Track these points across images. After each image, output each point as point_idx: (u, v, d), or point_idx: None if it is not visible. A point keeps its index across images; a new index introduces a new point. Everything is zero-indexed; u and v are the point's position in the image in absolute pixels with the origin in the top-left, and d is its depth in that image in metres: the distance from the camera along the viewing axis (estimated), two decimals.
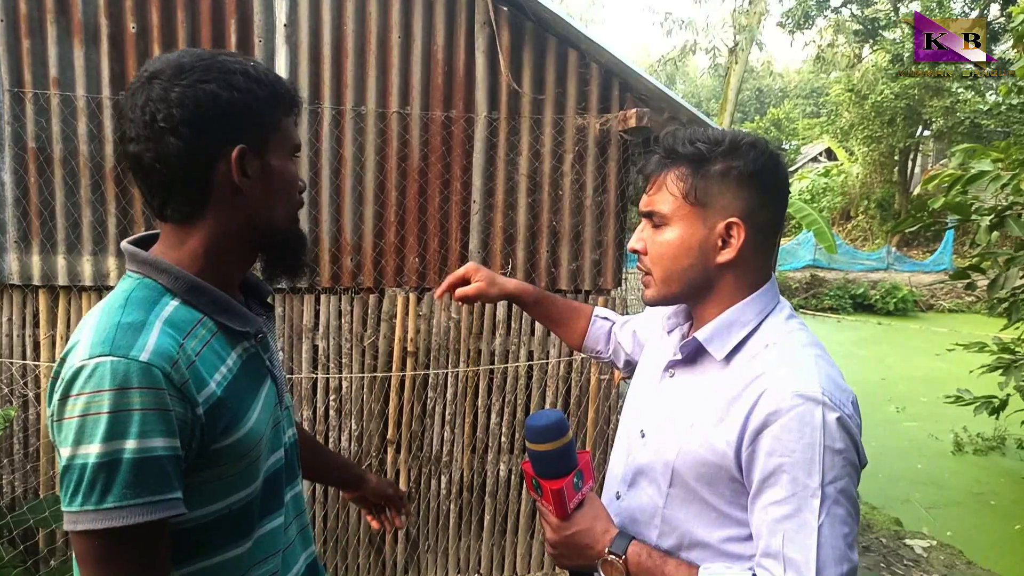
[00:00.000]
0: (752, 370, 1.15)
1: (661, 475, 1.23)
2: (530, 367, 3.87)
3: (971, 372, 5.35)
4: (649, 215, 1.26)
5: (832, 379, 1.11)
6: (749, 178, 1.18)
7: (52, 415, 0.95)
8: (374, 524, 1.75)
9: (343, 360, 3.74)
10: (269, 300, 1.30)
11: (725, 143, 1.18)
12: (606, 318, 1.77)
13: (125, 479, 0.90)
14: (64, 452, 0.93)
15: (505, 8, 3.66)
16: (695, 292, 1.25)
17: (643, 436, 1.31)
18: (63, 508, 0.93)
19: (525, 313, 3.82)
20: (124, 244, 1.10)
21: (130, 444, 0.90)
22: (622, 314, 3.93)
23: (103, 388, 0.90)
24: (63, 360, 0.96)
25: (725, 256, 1.19)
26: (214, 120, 1.01)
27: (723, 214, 1.18)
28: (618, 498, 1.34)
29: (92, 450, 0.90)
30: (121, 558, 0.93)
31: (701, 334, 1.23)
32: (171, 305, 1.03)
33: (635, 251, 1.29)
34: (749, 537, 1.14)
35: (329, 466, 1.72)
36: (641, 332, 1.65)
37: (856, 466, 1.09)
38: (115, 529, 0.90)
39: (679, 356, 1.27)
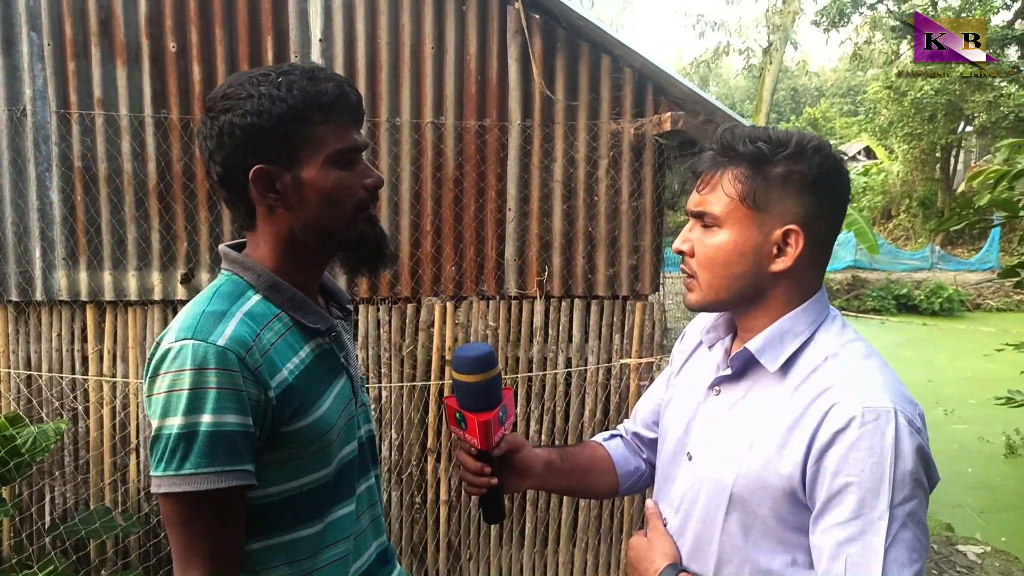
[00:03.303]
0: (816, 384, 1.08)
1: (716, 500, 1.15)
2: (568, 374, 3.85)
3: (1022, 372, 5.20)
4: (699, 215, 1.17)
5: (900, 392, 1.05)
6: (812, 184, 1.10)
7: (144, 391, 1.07)
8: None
9: (382, 370, 3.77)
10: (348, 306, 1.38)
11: (790, 145, 1.10)
12: (612, 436, 1.57)
13: (201, 449, 1.01)
14: (153, 424, 1.04)
15: (537, 16, 3.67)
16: (743, 300, 1.17)
17: (690, 459, 1.24)
18: (151, 474, 1.04)
19: (562, 321, 3.82)
20: (221, 246, 1.22)
21: (206, 418, 1.01)
22: (660, 318, 3.91)
23: (185, 368, 1.02)
24: (157, 344, 1.07)
25: (780, 265, 1.12)
26: (234, 146, 1.10)
27: (781, 220, 1.11)
28: (665, 525, 1.28)
29: (175, 422, 1.01)
30: (199, 520, 1.03)
31: (753, 344, 1.15)
32: (252, 299, 1.14)
33: (680, 252, 1.20)
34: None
35: None
36: (658, 394, 1.49)
37: (926, 489, 1.03)
38: (193, 493, 1.01)
39: (728, 370, 1.20)
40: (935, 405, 8.71)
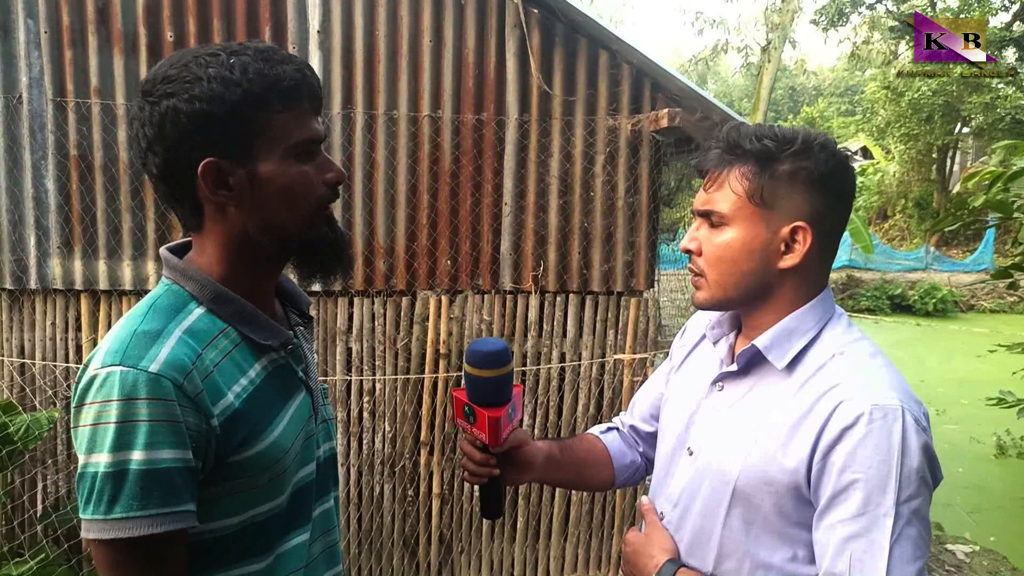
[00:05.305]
0: (822, 382, 1.09)
1: (718, 495, 1.15)
2: (562, 369, 3.86)
3: (1014, 374, 5.23)
4: (706, 214, 1.17)
5: (907, 391, 1.06)
6: (818, 181, 1.11)
7: (71, 422, 0.95)
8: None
9: (376, 362, 3.77)
10: (310, 311, 1.25)
11: (797, 142, 1.11)
12: (608, 429, 1.57)
13: (132, 490, 0.89)
14: (80, 459, 0.93)
15: (535, 10, 3.66)
16: (752, 298, 1.17)
17: (691, 454, 1.23)
18: (80, 516, 0.93)
19: (557, 316, 3.82)
20: (162, 249, 1.09)
21: (136, 455, 0.89)
22: (655, 314, 3.92)
23: (111, 398, 0.90)
24: (84, 368, 0.96)
25: (789, 262, 1.12)
26: (180, 137, 0.97)
27: (789, 217, 1.11)
28: (662, 519, 1.28)
29: (101, 460, 0.90)
30: (131, 567, 0.93)
31: (760, 341, 1.15)
32: (195, 313, 1.01)
33: (687, 251, 1.20)
34: (814, 558, 1.08)
35: None
36: (657, 388, 1.49)
37: (930, 486, 1.04)
38: (123, 539, 0.90)
39: (735, 367, 1.20)
40: (927, 405, 8.67)
